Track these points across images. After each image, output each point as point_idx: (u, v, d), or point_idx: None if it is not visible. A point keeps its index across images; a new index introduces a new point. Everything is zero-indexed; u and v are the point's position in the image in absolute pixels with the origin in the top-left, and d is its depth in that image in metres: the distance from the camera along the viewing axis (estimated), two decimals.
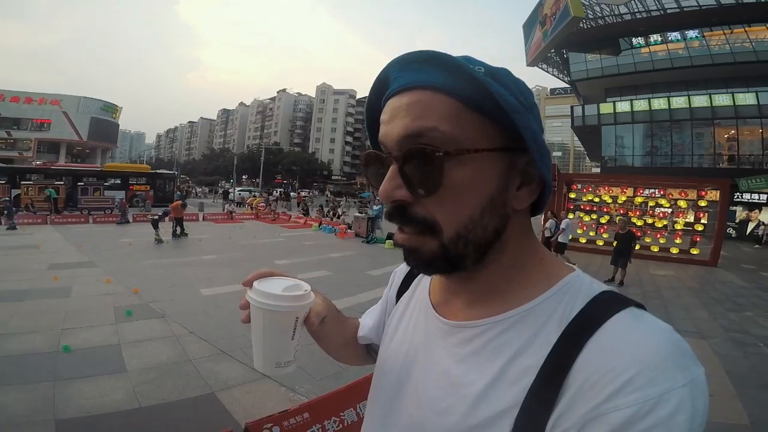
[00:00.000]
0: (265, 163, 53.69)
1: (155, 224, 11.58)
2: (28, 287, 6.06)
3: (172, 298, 5.94)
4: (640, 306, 0.45)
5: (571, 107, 33.01)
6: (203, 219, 17.86)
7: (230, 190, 35.08)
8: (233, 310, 5.45)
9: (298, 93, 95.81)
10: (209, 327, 4.81)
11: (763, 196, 22.68)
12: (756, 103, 24.68)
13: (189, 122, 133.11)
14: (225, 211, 20.24)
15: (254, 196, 30.29)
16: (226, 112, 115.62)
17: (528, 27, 34.54)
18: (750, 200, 23.44)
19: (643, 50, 28.80)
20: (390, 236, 12.96)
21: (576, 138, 38.42)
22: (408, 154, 0.46)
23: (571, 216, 15.00)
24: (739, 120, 25.44)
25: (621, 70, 29.10)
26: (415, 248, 0.49)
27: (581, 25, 28.23)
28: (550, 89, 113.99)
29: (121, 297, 5.87)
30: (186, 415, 3.01)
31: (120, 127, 63.46)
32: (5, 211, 13.16)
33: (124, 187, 22.40)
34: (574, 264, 0.55)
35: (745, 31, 25.25)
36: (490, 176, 0.46)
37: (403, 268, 0.75)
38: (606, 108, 29.95)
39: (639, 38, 28.84)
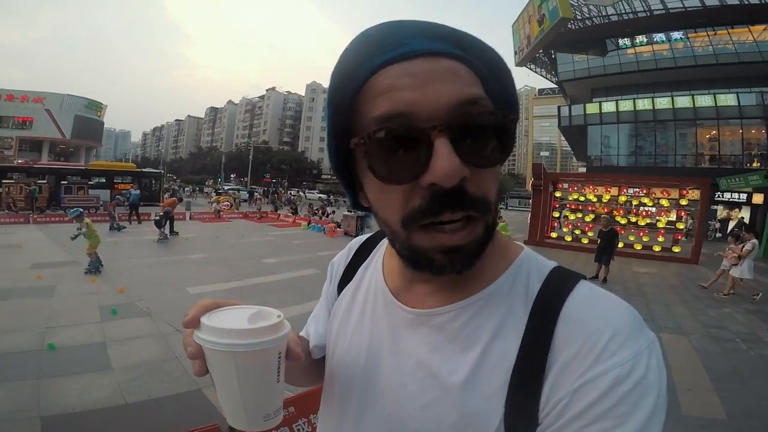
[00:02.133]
0: (254, 161, 53.36)
1: (158, 224, 11.53)
2: (10, 286, 5.95)
3: (159, 297, 5.90)
4: (585, 277, 0.48)
5: (558, 107, 33.43)
6: (190, 218, 17.69)
7: (221, 189, 34.56)
8: None
9: (287, 92, 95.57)
10: None
11: (743, 196, 23.29)
12: (737, 104, 25.34)
13: (176, 120, 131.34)
14: (212, 210, 20.08)
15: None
16: (214, 111, 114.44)
17: (516, 27, 34.89)
18: (730, 199, 24.05)
19: (629, 51, 29.23)
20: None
21: (563, 138, 38.90)
22: (483, 121, 0.40)
23: (555, 214, 15.31)
24: (721, 121, 26.05)
25: (607, 71, 29.50)
26: (468, 243, 0.42)
27: (569, 25, 28.62)
28: (538, 89, 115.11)
29: (106, 296, 5.81)
30: (172, 410, 3.02)
31: (105, 126, 62.45)
32: None
33: (109, 186, 22.06)
34: None
35: (728, 33, 25.82)
36: None
37: (340, 258, 0.70)
38: (592, 108, 30.37)
39: (625, 39, 29.29)
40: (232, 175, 65.95)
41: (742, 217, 23.43)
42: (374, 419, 0.52)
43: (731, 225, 24.64)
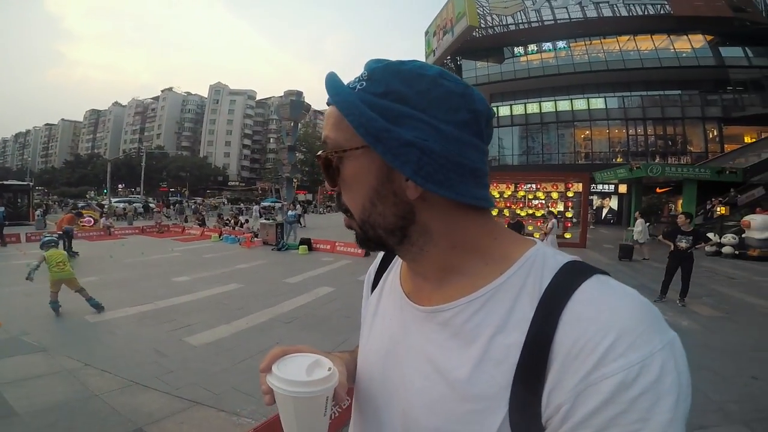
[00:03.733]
0: (147, 169, 48.12)
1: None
2: None
3: (52, 329, 5.03)
4: (605, 273, 0.46)
5: None
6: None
7: (85, 203, 30.10)
8: (132, 334, 4.87)
9: (186, 92, 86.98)
10: (108, 357, 4.15)
11: (612, 186, 27.35)
12: (604, 107, 29.70)
13: (46, 125, 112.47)
14: (102, 226, 17.71)
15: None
16: (95, 113, 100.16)
17: (429, 34, 36.65)
18: (602, 190, 28.06)
19: (522, 59, 32.31)
20: (304, 241, 12.63)
21: None
22: (322, 156, 0.53)
23: None
24: (592, 122, 30.26)
25: (504, 77, 32.20)
26: (351, 228, 0.56)
27: (474, 34, 30.82)
28: None
29: None
30: None
31: None
32: None
33: None
34: None
35: (601, 43, 30.06)
36: (369, 170, 0.49)
37: (372, 268, 0.74)
38: None
39: (519, 48, 32.38)
40: (120, 186, 58.65)
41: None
42: (394, 416, 0.54)
43: (604, 212, 28.89)
